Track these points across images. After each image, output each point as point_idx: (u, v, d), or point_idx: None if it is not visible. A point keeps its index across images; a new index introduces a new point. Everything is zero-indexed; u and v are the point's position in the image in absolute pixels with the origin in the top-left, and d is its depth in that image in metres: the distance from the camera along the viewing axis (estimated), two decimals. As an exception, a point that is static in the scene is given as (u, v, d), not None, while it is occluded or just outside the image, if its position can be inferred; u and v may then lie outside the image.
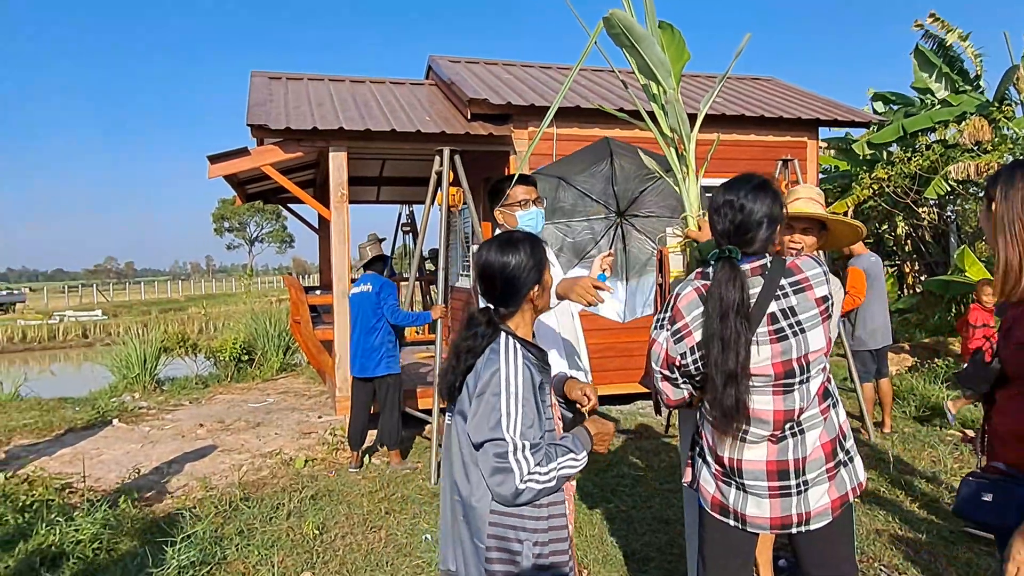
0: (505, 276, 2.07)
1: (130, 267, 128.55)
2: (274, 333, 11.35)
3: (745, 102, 8.00)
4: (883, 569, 3.72)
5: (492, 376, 1.97)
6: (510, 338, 2.05)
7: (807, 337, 2.02)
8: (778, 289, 2.04)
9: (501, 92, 7.35)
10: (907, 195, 10.72)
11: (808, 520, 2.09)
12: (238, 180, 9.40)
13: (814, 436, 2.07)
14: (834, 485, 2.11)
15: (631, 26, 2.75)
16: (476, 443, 1.98)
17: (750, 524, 2.13)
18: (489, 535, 1.98)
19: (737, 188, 2.12)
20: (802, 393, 2.06)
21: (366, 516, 4.70)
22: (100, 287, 54.58)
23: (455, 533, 2.11)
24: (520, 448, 1.92)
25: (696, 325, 2.08)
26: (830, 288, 2.08)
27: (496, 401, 1.94)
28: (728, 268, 2.03)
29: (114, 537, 4.34)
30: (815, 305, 2.03)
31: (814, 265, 2.08)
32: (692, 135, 2.98)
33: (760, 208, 2.07)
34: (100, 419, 7.93)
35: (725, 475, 2.15)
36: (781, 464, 2.06)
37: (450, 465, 2.17)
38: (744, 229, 2.08)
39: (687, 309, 2.11)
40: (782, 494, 2.08)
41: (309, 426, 7.39)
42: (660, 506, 4.64)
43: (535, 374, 2.02)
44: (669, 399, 2.23)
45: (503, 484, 1.92)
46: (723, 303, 1.99)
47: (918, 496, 4.70)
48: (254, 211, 66.62)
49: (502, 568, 1.98)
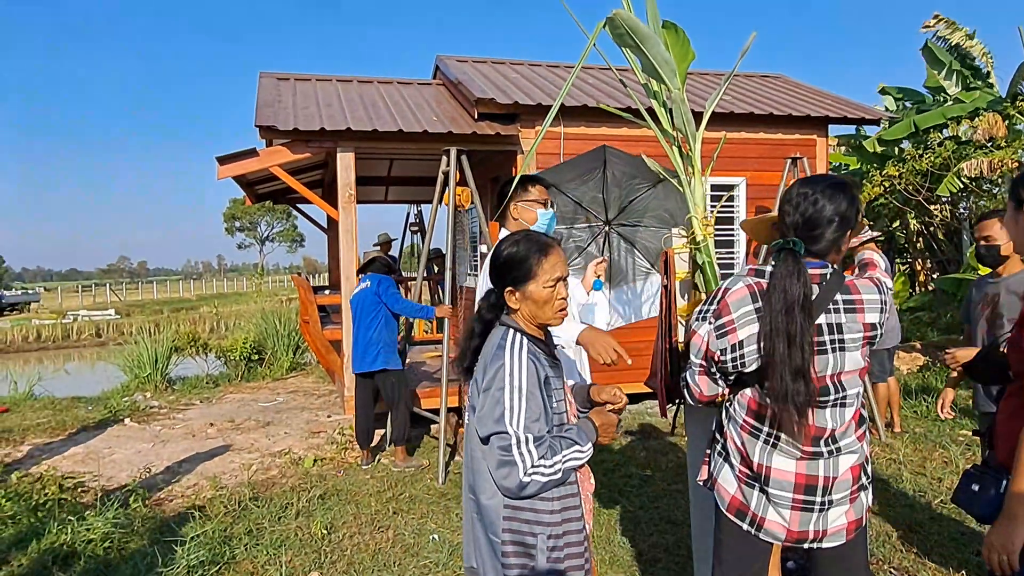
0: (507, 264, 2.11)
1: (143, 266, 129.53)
2: (284, 332, 11.40)
3: (753, 100, 7.95)
4: (893, 571, 3.70)
5: (497, 371, 2.00)
6: (516, 333, 2.07)
7: (845, 356, 2.01)
8: (831, 303, 2.01)
9: (508, 91, 7.34)
10: (919, 192, 10.63)
11: (823, 538, 2.08)
12: (247, 181, 9.44)
13: (849, 460, 2.07)
14: (853, 508, 2.10)
15: (635, 26, 2.74)
16: (482, 437, 2.03)
17: (765, 531, 2.11)
18: (504, 529, 2.02)
19: (815, 183, 2.09)
20: (835, 414, 2.04)
21: (374, 516, 4.71)
22: (113, 287, 54.97)
23: (473, 531, 2.15)
24: (524, 441, 1.94)
25: (743, 323, 2.03)
26: (883, 318, 2.04)
27: (500, 395, 1.97)
28: (792, 260, 1.98)
29: (125, 536, 4.38)
30: (862, 329, 2.01)
31: (873, 291, 2.04)
32: (698, 134, 2.96)
33: (832, 206, 2.02)
34: (112, 418, 8.00)
35: (750, 479, 2.13)
36: (811, 479, 2.04)
37: (466, 463, 2.22)
38: (813, 224, 2.03)
39: (735, 305, 2.05)
40: (804, 508, 2.07)
41: (318, 425, 7.42)
42: (667, 507, 4.62)
43: (540, 368, 2.04)
44: (703, 394, 2.19)
45: (508, 477, 1.95)
46: (787, 296, 1.94)
47: (929, 496, 4.66)
48: (265, 211, 66.96)
49: (517, 561, 2.01)
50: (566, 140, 7.10)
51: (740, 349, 2.04)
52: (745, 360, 2.04)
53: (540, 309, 2.10)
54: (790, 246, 2.01)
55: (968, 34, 11.44)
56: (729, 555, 2.21)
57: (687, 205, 2.93)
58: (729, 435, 2.18)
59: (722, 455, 2.22)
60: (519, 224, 3.36)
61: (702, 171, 2.97)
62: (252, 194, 10.64)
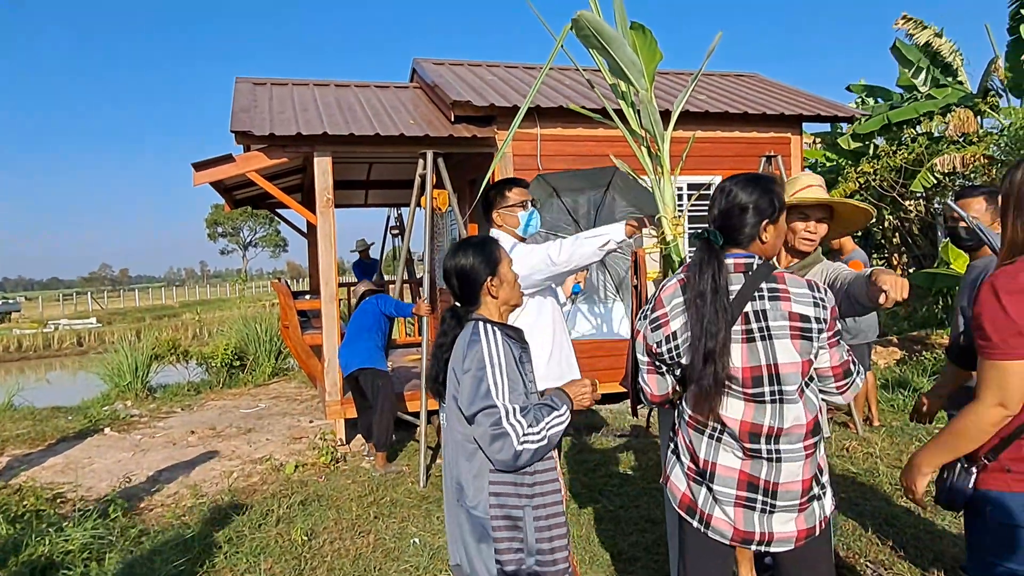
0: (460, 276, 2.32)
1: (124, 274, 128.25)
2: (266, 338, 11.33)
3: (728, 99, 8.02)
4: (869, 565, 3.74)
5: (475, 353, 2.14)
6: (484, 322, 2.23)
7: (774, 345, 2.01)
8: (756, 291, 2.05)
9: (485, 94, 7.36)
10: (893, 188, 10.76)
11: (770, 542, 2.07)
12: (225, 187, 9.39)
13: (793, 469, 2.04)
14: (803, 516, 2.08)
15: (600, 27, 2.76)
16: (469, 415, 2.12)
17: (713, 529, 2.12)
18: (491, 505, 2.13)
19: (733, 178, 2.18)
20: (772, 411, 2.03)
21: (355, 521, 4.70)
22: (95, 295, 54.39)
23: (458, 522, 2.25)
24: (512, 412, 2.08)
25: (675, 314, 2.10)
26: (818, 312, 2.03)
27: (482, 374, 2.11)
28: (705, 248, 2.07)
29: (104, 547, 4.34)
30: (788, 318, 2.02)
31: (803, 285, 2.07)
32: (666, 134, 2.99)
33: (747, 198, 2.09)
34: (92, 428, 7.93)
35: (698, 475, 2.15)
36: (753, 478, 2.05)
37: (448, 461, 2.31)
38: (728, 215, 2.11)
39: (668, 299, 2.13)
40: (747, 506, 2.07)
41: (300, 431, 7.39)
42: (648, 506, 4.65)
43: (515, 348, 2.21)
44: (653, 394, 2.24)
45: (502, 449, 2.06)
46: (700, 283, 2.01)
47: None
48: (247, 216, 66.45)
49: (507, 535, 2.13)
50: (543, 141, 7.13)
51: (674, 340, 2.10)
52: (680, 350, 2.09)
53: (512, 289, 2.35)
54: (704, 235, 2.10)
55: (936, 32, 11.61)
56: (690, 553, 2.23)
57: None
58: (680, 432, 2.21)
59: (675, 453, 2.24)
60: (505, 229, 3.46)
61: (671, 171, 3.00)
62: (231, 200, 10.58)
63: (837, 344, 2.11)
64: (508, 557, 2.14)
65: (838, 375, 2.13)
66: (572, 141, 7.24)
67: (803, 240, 2.78)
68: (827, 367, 2.11)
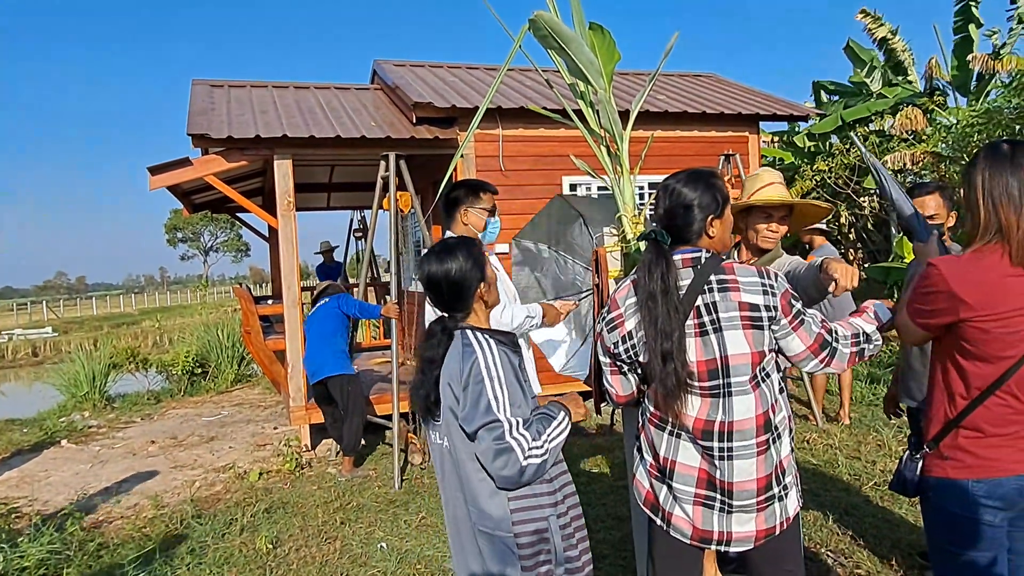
0: (450, 282, 2.14)
1: (81, 282, 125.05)
2: (228, 344, 11.17)
3: (687, 99, 8.12)
4: (829, 554, 3.81)
5: (472, 367, 2.01)
6: (476, 332, 2.10)
7: (724, 336, 2.01)
8: (706, 284, 2.05)
9: (446, 95, 7.34)
10: (848, 186, 11.00)
11: (729, 542, 2.08)
12: (183, 191, 9.22)
13: (745, 467, 2.03)
14: (763, 516, 2.07)
15: (557, 28, 2.77)
16: (471, 432, 2.00)
17: (673, 527, 2.13)
18: (515, 523, 2.03)
19: (675, 177, 2.19)
20: (722, 405, 2.03)
21: (321, 527, 4.65)
22: (50, 303, 52.98)
23: (468, 547, 2.13)
24: (515, 426, 1.97)
25: (629, 314, 2.11)
26: (768, 300, 2.03)
27: (482, 388, 1.98)
28: (653, 248, 2.08)
29: (61, 562, 4.23)
30: (738, 308, 2.02)
31: (751, 274, 2.06)
32: (625, 134, 3.02)
33: (691, 195, 2.11)
34: (48, 440, 7.74)
35: (659, 472, 2.16)
36: (711, 477, 2.06)
37: (449, 483, 2.18)
38: (672, 214, 2.12)
39: (622, 300, 2.15)
40: (705, 504, 2.08)
41: (264, 438, 7.29)
42: (614, 503, 4.68)
43: (511, 356, 2.08)
44: (619, 394, 2.24)
45: (507, 465, 1.94)
46: (650, 284, 2.02)
47: (863, 480, 4.83)
48: (208, 220, 65.41)
49: (534, 550, 2.03)
50: (505, 142, 7.14)
51: (630, 340, 2.11)
52: (637, 349, 2.10)
53: (495, 291, 2.26)
54: (652, 236, 2.10)
55: (892, 30, 11.89)
56: (658, 551, 2.24)
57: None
58: (643, 430, 2.23)
59: (639, 451, 2.26)
60: (467, 229, 3.43)
61: (631, 170, 3.03)
62: (189, 204, 10.39)
63: (802, 324, 2.08)
64: (539, 572, 2.03)
65: (816, 351, 2.09)
66: (534, 142, 7.26)
67: (765, 239, 2.84)
68: (802, 349, 2.09)
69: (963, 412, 1.95)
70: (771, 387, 2.09)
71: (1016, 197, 1.89)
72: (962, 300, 1.88)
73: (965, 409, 1.95)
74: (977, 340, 1.89)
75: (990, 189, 1.93)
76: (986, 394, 1.91)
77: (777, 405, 2.11)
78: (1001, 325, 1.86)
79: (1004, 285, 1.86)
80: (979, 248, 1.94)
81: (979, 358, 1.91)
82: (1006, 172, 1.92)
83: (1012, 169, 1.91)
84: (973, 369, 1.93)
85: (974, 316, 1.87)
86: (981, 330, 1.88)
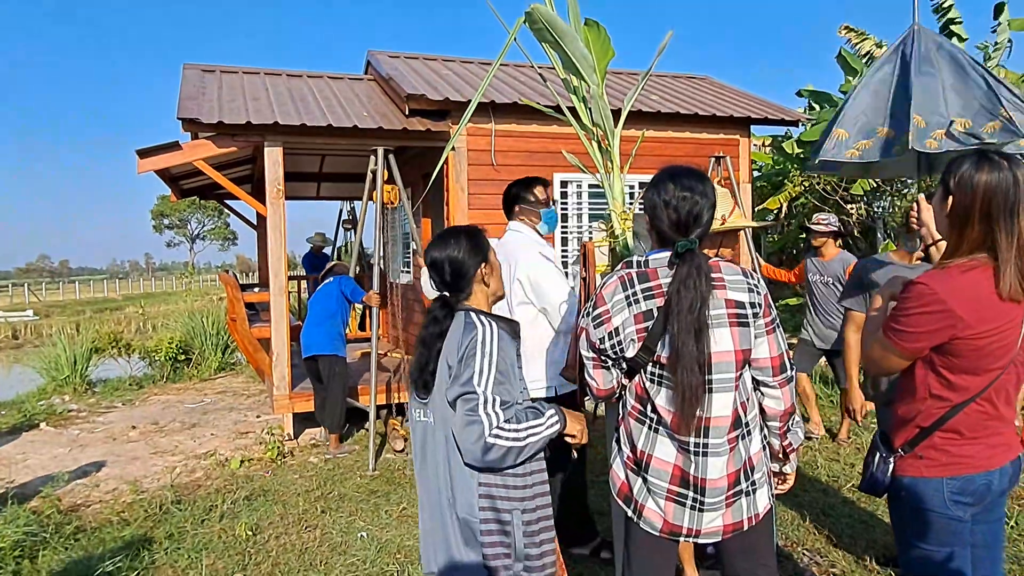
0: (451, 264, 2.25)
1: (65, 265, 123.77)
2: (212, 332, 11.10)
3: (680, 100, 8.15)
4: (806, 553, 3.86)
5: (471, 340, 2.09)
6: (480, 313, 2.20)
7: (711, 333, 2.01)
8: None
9: (440, 88, 7.33)
10: (836, 192, 11.08)
11: (698, 536, 2.11)
12: (171, 176, 9.15)
13: (718, 463, 2.06)
14: (729, 512, 2.11)
15: (553, 21, 2.79)
16: (451, 400, 2.06)
17: (644, 520, 2.15)
18: (480, 507, 2.08)
19: (686, 178, 2.11)
20: (705, 402, 2.03)
21: (301, 515, 4.65)
22: (32, 287, 52.40)
23: (442, 530, 2.17)
24: (491, 402, 2.01)
25: (616, 311, 2.10)
26: (753, 297, 2.05)
27: (472, 360, 2.06)
28: (690, 259, 2.00)
29: (38, 544, 4.21)
30: (724, 305, 2.03)
31: (736, 272, 2.08)
32: (616, 131, 3.03)
33: (711, 196, 2.11)
34: (27, 423, 7.66)
35: (635, 464, 2.18)
36: (685, 474, 2.08)
37: (430, 464, 2.22)
38: (699, 218, 2.07)
39: (609, 296, 2.13)
40: (677, 501, 2.10)
41: (247, 426, 7.27)
42: (594, 497, 4.71)
43: (510, 342, 2.17)
44: (600, 388, 2.23)
45: (472, 438, 1.99)
46: (695, 295, 1.96)
47: (841, 481, 4.88)
48: (195, 207, 64.96)
49: (495, 539, 2.08)
50: (497, 137, 7.14)
51: (617, 336, 2.10)
52: (623, 345, 2.10)
53: (499, 279, 2.34)
54: (692, 246, 2.04)
55: (877, 43, 11.99)
56: (633, 543, 2.26)
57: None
58: (622, 422, 2.24)
59: (618, 442, 2.28)
60: (525, 223, 3.63)
61: (621, 167, 3.05)
62: (177, 190, 10.32)
63: (774, 332, 2.10)
64: (496, 563, 2.08)
65: (776, 367, 2.10)
66: (526, 137, 7.27)
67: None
68: (765, 358, 2.09)
69: (942, 419, 1.97)
70: (744, 384, 2.11)
71: (1012, 217, 1.85)
72: (959, 317, 1.84)
73: (945, 416, 1.97)
74: (969, 355, 1.89)
75: (987, 203, 1.87)
76: (968, 402, 1.94)
77: (749, 402, 2.13)
78: (991, 341, 1.86)
79: (993, 301, 1.84)
80: (966, 263, 1.90)
81: (967, 371, 1.91)
82: (1006, 187, 1.86)
83: (1010, 185, 1.86)
84: (959, 381, 1.93)
85: (969, 334, 1.85)
86: (975, 347, 1.87)
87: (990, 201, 1.87)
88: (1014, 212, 1.85)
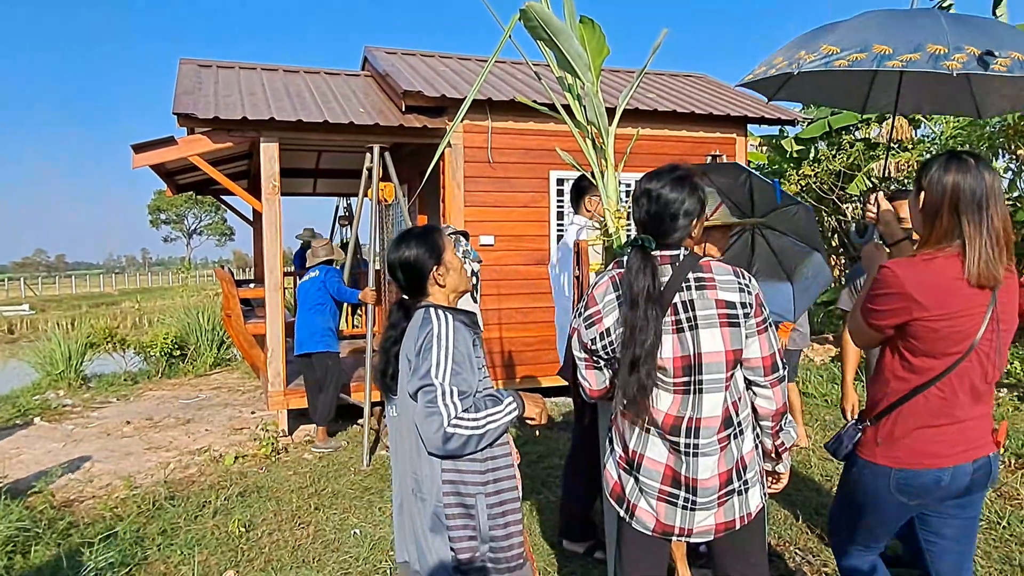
0: (405, 268, 2.31)
1: (61, 260, 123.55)
2: (208, 327, 11.08)
3: (676, 98, 8.14)
4: (798, 552, 3.86)
5: (427, 334, 2.15)
6: (436, 308, 2.24)
7: (699, 334, 2.03)
8: (683, 281, 2.07)
9: (436, 84, 7.32)
10: (832, 191, 11.10)
11: (690, 535, 2.12)
12: (167, 171, 9.13)
13: (709, 463, 2.06)
14: (721, 511, 2.12)
15: (548, 19, 2.78)
16: (412, 393, 2.13)
17: (636, 519, 2.16)
18: (444, 492, 2.14)
19: (658, 178, 2.15)
20: (692, 401, 2.05)
21: (295, 512, 4.65)
22: (28, 281, 52.29)
23: (408, 518, 2.25)
24: (448, 393, 2.07)
25: (607, 311, 2.12)
26: (743, 298, 2.06)
27: (429, 353, 2.12)
28: (640, 256, 2.06)
29: (30, 539, 4.20)
30: (715, 305, 2.04)
31: (727, 272, 2.09)
32: (611, 129, 3.03)
33: (677, 199, 2.09)
34: (21, 418, 7.65)
35: (627, 464, 2.18)
36: (677, 474, 2.09)
37: (400, 455, 2.32)
38: (659, 219, 2.10)
39: (600, 296, 2.15)
40: (669, 501, 2.11)
41: (241, 422, 7.26)
42: (588, 495, 4.71)
43: (468, 334, 2.22)
44: (592, 388, 2.25)
45: (432, 428, 2.06)
46: (633, 290, 2.02)
47: (834, 481, 4.88)
48: (192, 203, 64.76)
49: (460, 522, 2.14)
50: (494, 134, 7.13)
51: (608, 336, 2.12)
52: (615, 345, 2.11)
53: (460, 276, 2.35)
54: (639, 243, 2.09)
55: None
56: (625, 542, 2.26)
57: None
58: (615, 422, 2.25)
59: (610, 442, 2.28)
60: (590, 215, 3.75)
61: (616, 165, 3.04)
62: (173, 185, 10.29)
63: (766, 332, 2.10)
64: (462, 545, 2.14)
65: (768, 367, 2.11)
66: (523, 135, 7.26)
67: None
68: (757, 357, 2.09)
69: (905, 396, 2.12)
70: (735, 383, 2.12)
71: (979, 211, 2.01)
72: (916, 301, 2.02)
73: (908, 394, 2.12)
74: (926, 338, 2.05)
75: (955, 199, 2.04)
76: (928, 384, 2.08)
77: (741, 402, 2.13)
78: (949, 325, 2.01)
79: (953, 288, 2.01)
80: (932, 252, 2.07)
81: (926, 354, 2.07)
82: (972, 183, 2.03)
83: (977, 181, 2.03)
84: (920, 363, 2.09)
85: (926, 316, 2.02)
86: (931, 329, 2.03)
87: (958, 197, 2.04)
88: (981, 206, 2.02)
